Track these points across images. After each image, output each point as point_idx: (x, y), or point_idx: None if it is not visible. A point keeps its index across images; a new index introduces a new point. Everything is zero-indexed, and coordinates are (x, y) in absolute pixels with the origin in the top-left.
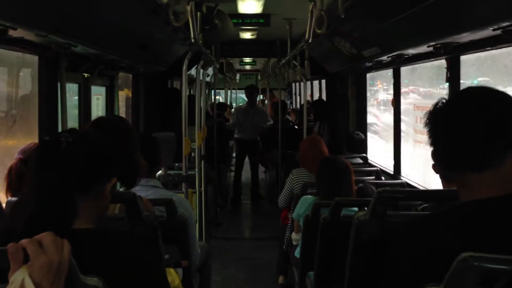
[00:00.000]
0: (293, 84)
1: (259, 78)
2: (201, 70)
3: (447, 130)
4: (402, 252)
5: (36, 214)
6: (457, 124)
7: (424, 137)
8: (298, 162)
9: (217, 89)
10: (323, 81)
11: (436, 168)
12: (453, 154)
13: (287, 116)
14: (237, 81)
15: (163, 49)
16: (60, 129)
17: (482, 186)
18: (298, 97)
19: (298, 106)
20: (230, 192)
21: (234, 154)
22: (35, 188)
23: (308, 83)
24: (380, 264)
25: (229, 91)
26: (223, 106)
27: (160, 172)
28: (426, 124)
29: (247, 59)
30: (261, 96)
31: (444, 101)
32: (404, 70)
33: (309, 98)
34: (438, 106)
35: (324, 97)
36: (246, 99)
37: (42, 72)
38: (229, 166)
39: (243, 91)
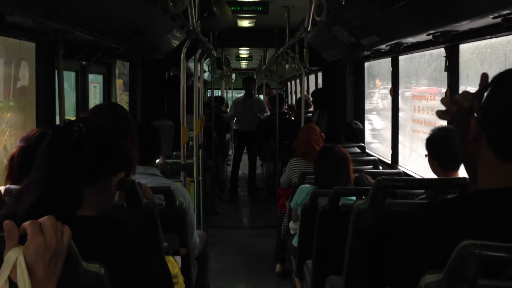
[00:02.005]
0: (288, 82)
1: (255, 77)
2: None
3: None
4: (406, 242)
5: (40, 200)
6: None
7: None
8: (294, 151)
9: (214, 89)
10: (319, 75)
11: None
12: None
13: (284, 110)
14: (233, 80)
15: (160, 36)
16: (57, 117)
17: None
18: (293, 95)
19: (294, 103)
20: (227, 185)
21: (230, 152)
22: (43, 174)
23: (304, 78)
24: (379, 252)
25: (225, 92)
26: (220, 100)
27: (158, 160)
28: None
29: (244, 54)
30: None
31: None
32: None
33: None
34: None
35: None
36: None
37: (39, 59)
38: (226, 159)
39: (238, 92)
